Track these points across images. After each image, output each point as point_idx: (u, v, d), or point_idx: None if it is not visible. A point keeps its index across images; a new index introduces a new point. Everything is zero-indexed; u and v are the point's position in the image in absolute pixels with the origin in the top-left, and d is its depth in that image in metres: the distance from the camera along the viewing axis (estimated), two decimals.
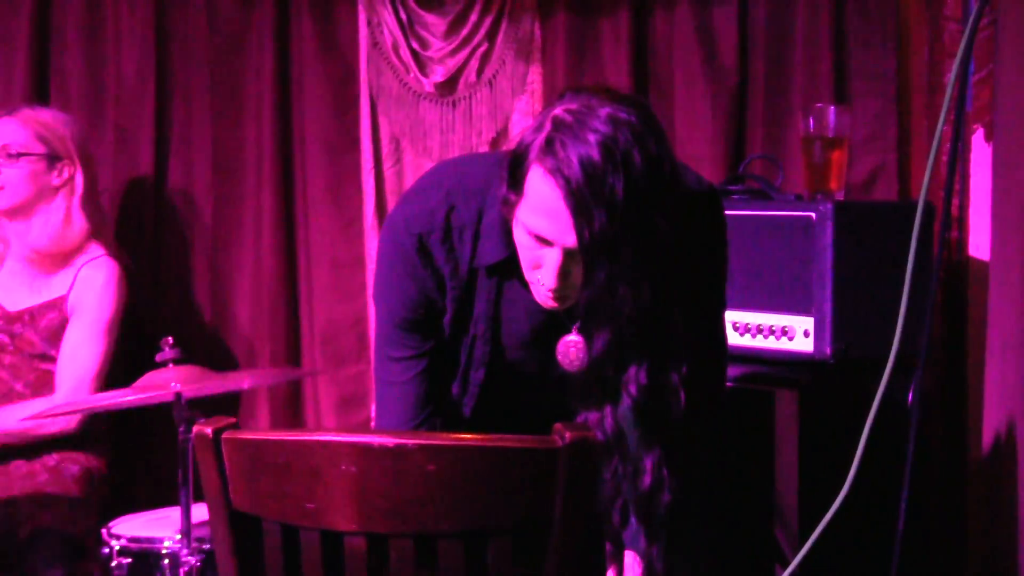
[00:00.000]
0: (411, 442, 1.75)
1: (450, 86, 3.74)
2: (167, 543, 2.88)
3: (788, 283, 2.91)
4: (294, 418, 3.84)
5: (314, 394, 3.83)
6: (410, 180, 3.74)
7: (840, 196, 3.09)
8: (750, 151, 3.58)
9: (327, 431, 2.28)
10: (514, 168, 1.95)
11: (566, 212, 1.87)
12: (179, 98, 3.86)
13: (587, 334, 2.04)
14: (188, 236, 3.88)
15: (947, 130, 2.78)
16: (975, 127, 3.26)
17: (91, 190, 3.47)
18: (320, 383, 3.81)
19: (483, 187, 2.10)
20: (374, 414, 3.08)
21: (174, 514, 2.88)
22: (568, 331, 2.09)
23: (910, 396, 2.51)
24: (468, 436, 1.83)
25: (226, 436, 1.83)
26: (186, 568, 2.75)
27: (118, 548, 2.89)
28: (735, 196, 3.13)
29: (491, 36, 3.70)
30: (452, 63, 3.72)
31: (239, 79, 3.82)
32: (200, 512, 2.62)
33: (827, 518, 1.99)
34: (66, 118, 3.51)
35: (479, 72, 3.72)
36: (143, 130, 3.84)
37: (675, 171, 1.95)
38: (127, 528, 2.97)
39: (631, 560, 2.19)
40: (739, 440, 2.94)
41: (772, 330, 2.94)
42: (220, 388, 2.93)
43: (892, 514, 2.37)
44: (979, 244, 3.25)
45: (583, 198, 1.85)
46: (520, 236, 1.98)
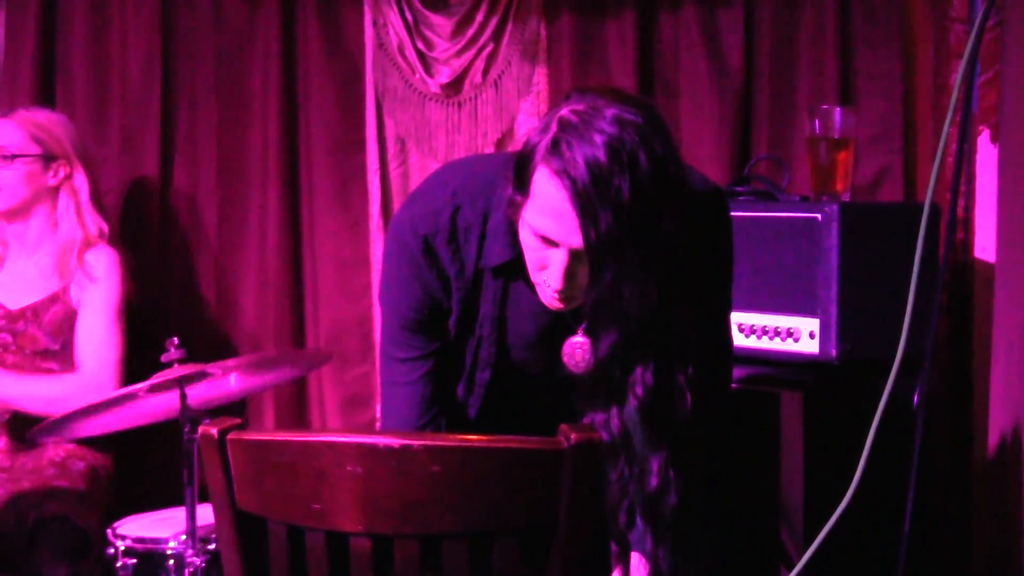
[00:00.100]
0: (416, 443, 1.75)
1: (456, 87, 3.74)
2: (172, 544, 2.89)
3: (794, 284, 2.91)
4: (299, 419, 3.84)
5: (319, 395, 3.83)
6: (416, 181, 3.74)
7: (846, 197, 3.09)
8: (756, 152, 3.58)
9: (333, 432, 2.28)
10: (520, 169, 1.95)
11: (572, 213, 1.87)
12: (184, 99, 3.86)
13: (593, 335, 2.03)
14: (193, 237, 3.88)
15: (953, 131, 2.78)
16: (981, 128, 3.25)
17: (95, 188, 3.48)
18: (325, 383, 3.81)
19: (489, 188, 2.10)
20: (379, 415, 3.09)
21: (179, 514, 2.88)
22: (574, 332, 2.08)
23: (915, 397, 2.51)
24: (473, 437, 1.83)
25: (232, 437, 1.83)
26: (191, 569, 2.75)
27: (123, 548, 2.90)
28: (741, 197, 3.13)
29: (497, 37, 3.70)
30: (458, 64, 3.72)
31: (244, 80, 3.82)
32: (205, 513, 2.63)
33: (833, 519, 1.99)
34: (61, 118, 3.51)
35: (485, 73, 3.72)
36: (148, 131, 3.84)
37: (681, 172, 1.95)
38: (132, 528, 2.98)
39: (637, 561, 2.19)
40: (744, 441, 2.93)
41: (777, 331, 2.94)
42: (223, 389, 2.93)
43: (897, 515, 2.37)
44: (985, 246, 3.25)
45: (589, 199, 1.85)
46: (526, 237, 1.98)
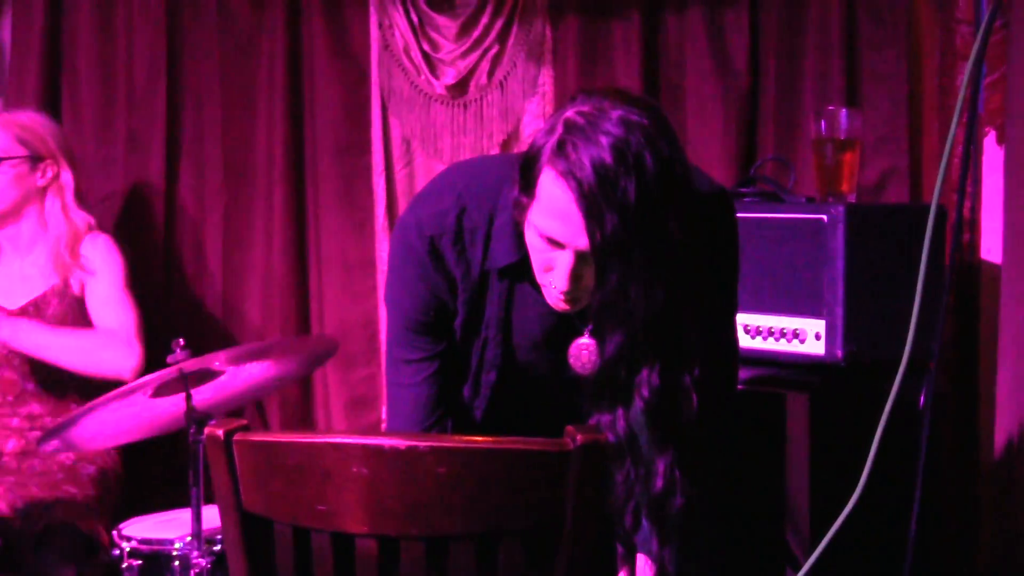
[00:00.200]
0: (422, 444, 1.75)
1: (461, 88, 3.75)
2: (178, 545, 2.89)
3: (800, 285, 2.91)
4: (304, 420, 3.85)
5: (324, 396, 3.83)
6: (421, 182, 3.74)
7: (852, 199, 3.09)
8: (762, 153, 3.58)
9: (338, 433, 2.28)
10: (526, 171, 1.95)
11: (578, 214, 1.87)
12: (190, 100, 3.87)
13: (599, 337, 2.03)
14: (199, 237, 3.89)
15: (959, 133, 2.77)
16: (987, 130, 3.25)
17: (79, 184, 3.49)
18: (330, 385, 3.81)
19: (495, 189, 2.10)
20: (385, 416, 3.09)
21: (185, 516, 2.88)
22: (580, 334, 2.08)
23: (922, 399, 2.51)
24: (479, 438, 1.83)
25: (237, 438, 1.83)
26: (196, 570, 2.75)
27: (129, 550, 2.90)
28: (746, 198, 3.12)
29: (502, 38, 3.70)
30: (463, 65, 3.72)
31: (250, 81, 3.83)
32: (211, 514, 2.63)
33: (839, 521, 1.98)
34: (44, 118, 3.51)
35: (490, 74, 3.72)
36: (154, 131, 3.85)
37: (687, 173, 1.95)
38: (138, 530, 2.98)
39: (643, 563, 2.19)
40: (750, 443, 2.93)
41: (783, 333, 2.94)
42: (229, 389, 2.93)
43: (904, 517, 2.36)
44: (991, 247, 3.25)
45: (595, 200, 1.85)
46: (532, 239, 1.98)
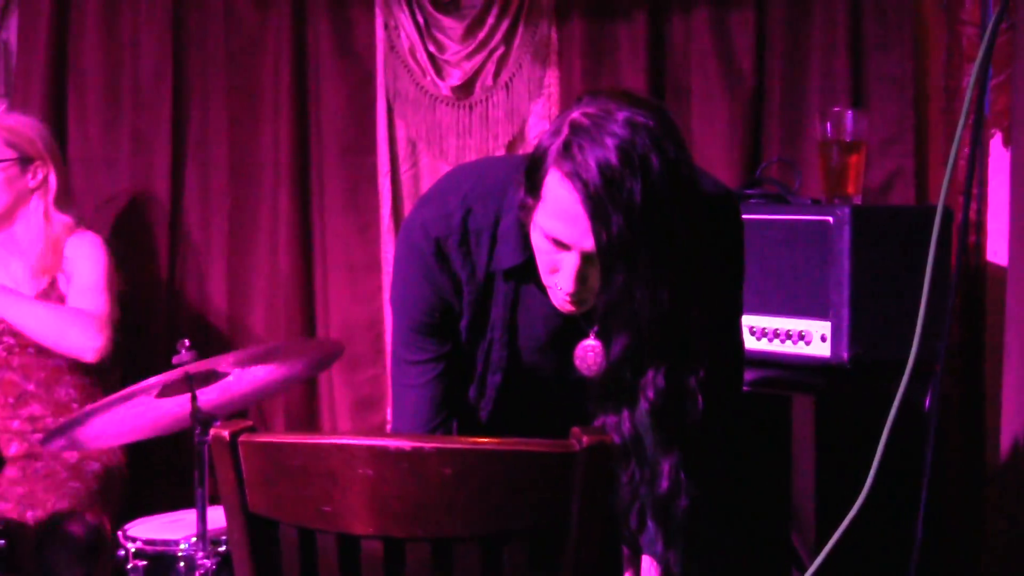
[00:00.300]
0: (428, 446, 1.75)
1: (467, 89, 3.75)
2: (183, 546, 2.89)
3: (805, 287, 2.90)
4: (309, 421, 3.85)
5: (330, 397, 3.83)
6: (427, 183, 3.74)
7: (857, 200, 3.09)
8: (767, 155, 3.58)
9: (344, 434, 2.28)
10: (531, 172, 1.95)
11: (584, 216, 1.87)
12: (196, 101, 3.87)
13: (605, 338, 2.03)
14: (204, 238, 3.89)
15: (965, 134, 2.77)
16: (993, 132, 3.25)
17: (64, 187, 3.49)
18: (336, 386, 3.82)
19: (500, 191, 2.10)
20: (390, 417, 3.09)
21: (190, 517, 2.88)
22: (586, 335, 2.08)
23: (927, 401, 2.51)
24: (485, 440, 1.83)
25: (243, 439, 1.83)
26: (201, 571, 2.75)
27: (134, 550, 2.90)
28: (752, 200, 3.12)
29: (508, 39, 3.71)
30: (469, 66, 3.72)
31: (256, 82, 3.83)
32: (216, 515, 2.63)
33: (845, 523, 1.98)
34: (32, 121, 3.51)
35: (496, 75, 3.72)
36: (160, 133, 3.85)
37: (692, 175, 1.95)
38: (143, 530, 2.98)
39: (648, 564, 2.19)
40: (756, 444, 2.93)
41: (789, 334, 2.93)
42: (235, 391, 2.93)
43: (909, 519, 2.36)
44: (997, 249, 3.25)
45: (601, 202, 1.85)
46: (538, 240, 1.98)
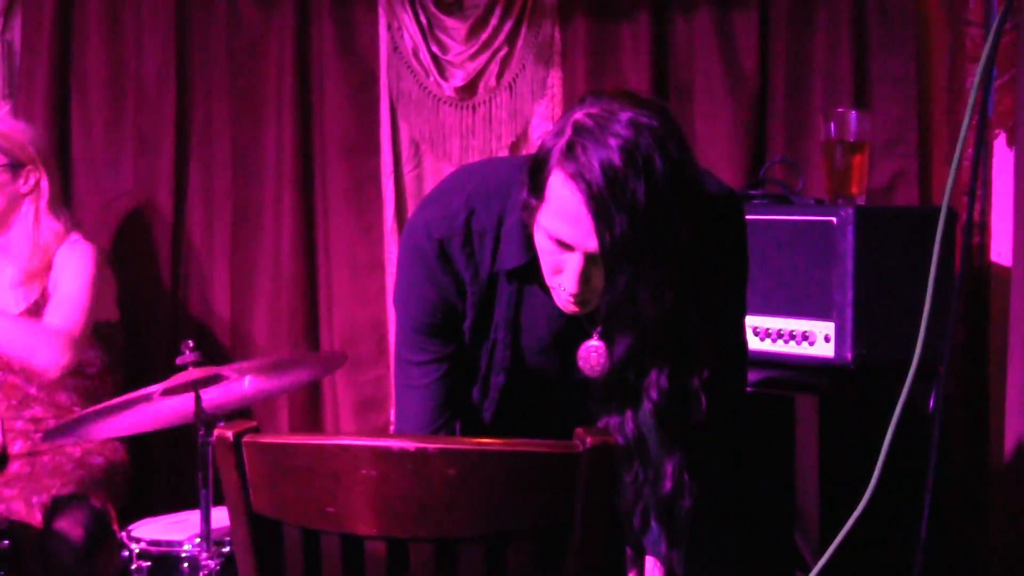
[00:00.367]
0: (432, 446, 1.75)
1: (470, 90, 3.75)
2: (187, 546, 2.89)
3: (809, 288, 2.90)
4: (313, 422, 3.85)
5: (333, 398, 3.83)
6: (430, 184, 3.74)
7: (861, 201, 3.08)
8: (771, 156, 3.58)
9: (348, 435, 2.28)
10: (535, 173, 1.95)
11: (587, 217, 1.86)
12: (199, 101, 3.87)
13: (608, 339, 2.03)
14: (208, 239, 3.89)
15: (969, 135, 2.77)
16: (997, 132, 3.25)
17: (57, 192, 3.47)
18: (339, 386, 3.82)
19: (504, 192, 2.10)
20: (393, 418, 3.09)
21: (194, 517, 2.88)
22: (589, 336, 2.08)
23: (931, 402, 2.50)
24: (489, 440, 1.83)
25: (247, 440, 1.83)
26: (205, 572, 2.75)
27: (138, 551, 2.90)
28: (756, 200, 3.12)
29: (511, 40, 3.71)
30: (472, 67, 3.72)
31: (259, 82, 3.83)
32: (220, 515, 2.63)
33: (849, 524, 1.98)
34: (23, 126, 3.51)
35: (499, 76, 3.72)
36: (163, 133, 3.85)
37: (696, 175, 1.95)
38: (147, 531, 2.98)
39: (651, 565, 2.19)
40: (759, 445, 2.93)
41: (793, 335, 2.93)
42: (238, 392, 2.93)
43: (912, 520, 2.36)
44: (1001, 250, 3.24)
45: (604, 202, 1.85)
46: (541, 241, 1.98)
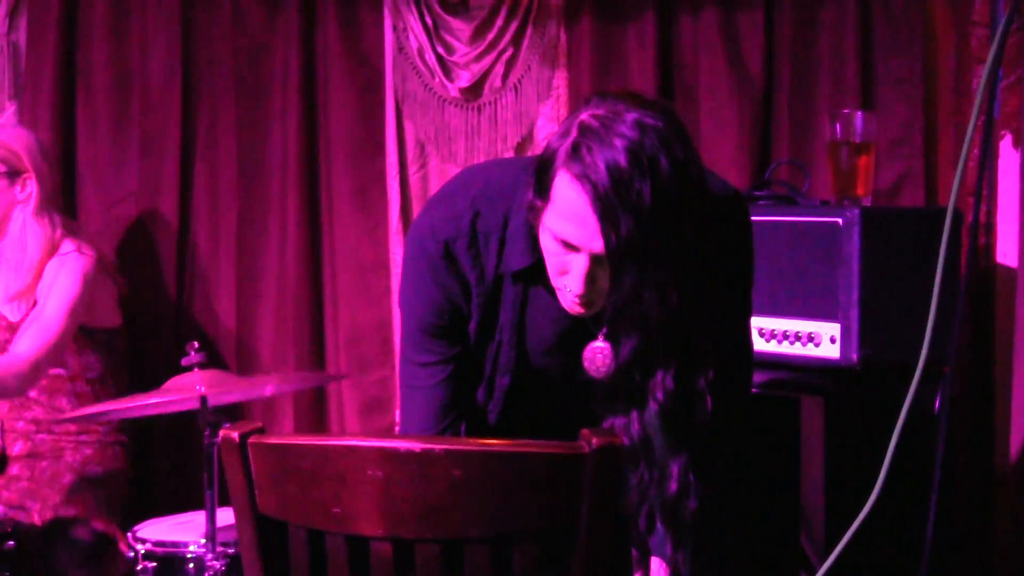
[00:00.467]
0: (438, 447, 1.75)
1: (475, 91, 3.75)
2: (192, 547, 2.89)
3: (815, 289, 2.90)
4: (318, 423, 3.85)
5: (338, 399, 3.83)
6: (435, 185, 3.74)
7: (867, 202, 3.08)
8: (776, 156, 3.57)
9: (353, 436, 2.27)
10: (540, 174, 1.95)
11: (593, 218, 1.86)
12: (205, 103, 3.87)
13: (614, 340, 2.03)
14: (213, 240, 3.89)
15: (976, 136, 2.77)
16: (1003, 133, 3.25)
17: (46, 198, 3.43)
18: (344, 388, 3.81)
19: (509, 193, 2.10)
20: (398, 419, 3.09)
21: (199, 518, 2.89)
22: (594, 337, 2.08)
23: (937, 403, 2.50)
24: (495, 441, 1.83)
25: (253, 441, 1.83)
26: (211, 572, 2.76)
27: (143, 552, 2.91)
28: (761, 201, 3.12)
29: (516, 41, 3.70)
30: (477, 68, 3.72)
31: (265, 83, 3.83)
32: (225, 516, 2.63)
33: (855, 525, 1.98)
34: (23, 133, 3.49)
35: (504, 77, 3.72)
36: (169, 134, 3.85)
37: (701, 176, 1.95)
38: (152, 532, 2.98)
39: (657, 566, 2.19)
40: (765, 446, 2.93)
41: (798, 336, 2.93)
42: (245, 396, 2.94)
43: (918, 521, 2.35)
44: (1007, 251, 3.24)
45: (610, 203, 1.85)
46: (547, 242, 1.98)
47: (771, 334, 2.97)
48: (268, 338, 3.86)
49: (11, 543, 3.08)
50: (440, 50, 3.73)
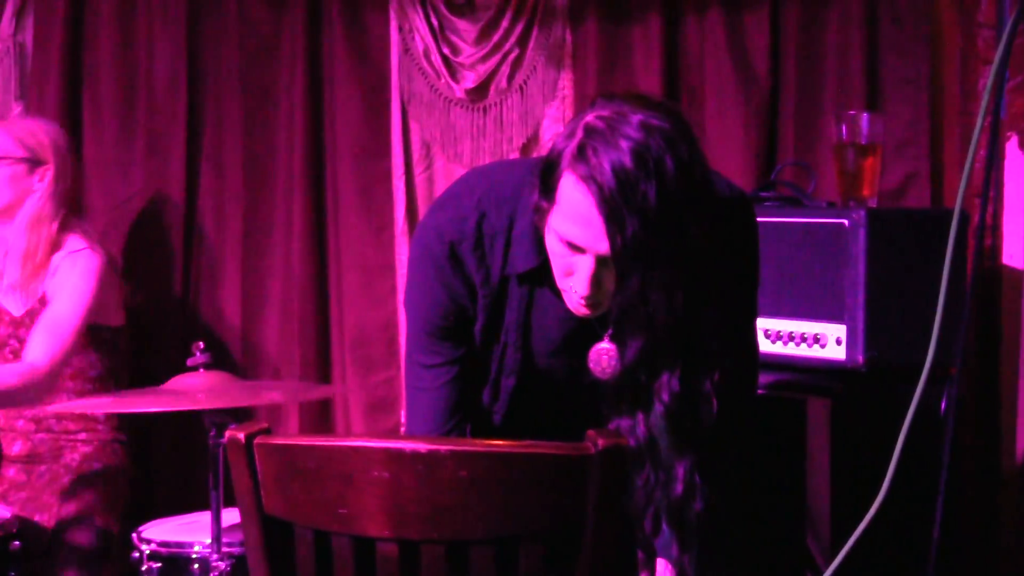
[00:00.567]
0: (444, 448, 1.75)
1: (481, 92, 3.75)
2: (197, 548, 2.89)
3: (820, 290, 2.90)
4: (323, 423, 3.85)
5: (344, 400, 3.83)
6: (441, 186, 3.74)
7: (873, 203, 3.08)
8: (782, 158, 3.57)
9: (360, 436, 2.28)
10: (546, 175, 1.95)
11: (599, 219, 1.86)
12: (211, 104, 3.87)
13: (619, 341, 2.03)
14: (219, 240, 3.89)
15: (982, 137, 2.76)
16: (1009, 135, 3.24)
17: (61, 193, 3.43)
18: (350, 389, 3.81)
19: (515, 194, 2.10)
20: (404, 420, 3.09)
21: (204, 519, 2.89)
22: (600, 338, 2.08)
23: (943, 404, 2.50)
24: (501, 442, 1.83)
25: (258, 441, 1.83)
26: (216, 573, 2.76)
27: (148, 552, 2.91)
28: (767, 203, 3.12)
29: (522, 42, 3.70)
30: (483, 69, 3.72)
31: (270, 85, 3.83)
32: (230, 517, 2.63)
33: (861, 527, 1.98)
34: (49, 126, 3.50)
35: (510, 78, 3.72)
36: (174, 135, 3.85)
37: (707, 177, 1.95)
38: (157, 532, 2.98)
39: (663, 567, 2.19)
40: (771, 448, 2.93)
41: (804, 337, 2.93)
42: (247, 401, 2.93)
43: (924, 523, 2.35)
44: (1013, 252, 3.24)
45: (616, 205, 1.85)
46: (552, 243, 1.98)
47: (777, 335, 2.97)
48: (273, 338, 3.86)
49: (16, 543, 3.08)
50: (446, 51, 3.73)
